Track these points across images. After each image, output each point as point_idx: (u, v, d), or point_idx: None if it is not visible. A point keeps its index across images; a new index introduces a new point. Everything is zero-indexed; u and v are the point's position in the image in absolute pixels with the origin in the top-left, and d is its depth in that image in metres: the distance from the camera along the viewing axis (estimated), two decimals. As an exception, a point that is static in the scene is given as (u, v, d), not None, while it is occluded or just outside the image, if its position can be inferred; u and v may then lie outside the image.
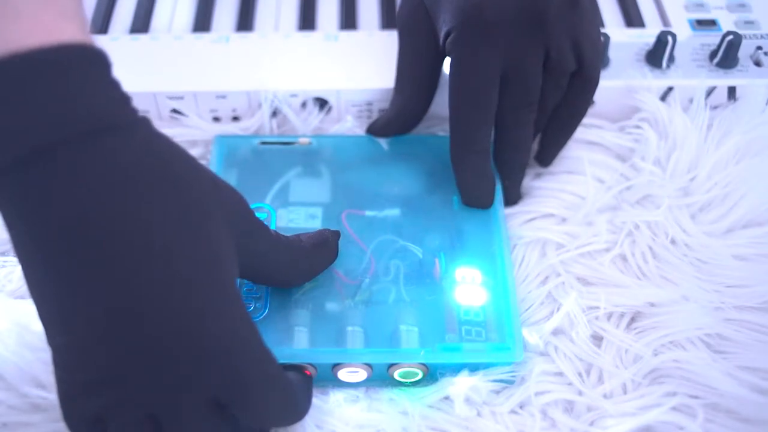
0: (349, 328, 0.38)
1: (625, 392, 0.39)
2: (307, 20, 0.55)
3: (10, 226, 0.28)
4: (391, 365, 0.38)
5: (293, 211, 0.43)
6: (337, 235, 0.41)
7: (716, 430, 0.37)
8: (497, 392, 0.38)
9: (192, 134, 0.49)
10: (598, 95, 0.50)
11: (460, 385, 0.37)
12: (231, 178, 0.45)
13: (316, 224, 0.43)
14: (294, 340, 0.38)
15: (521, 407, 0.38)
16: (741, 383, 0.38)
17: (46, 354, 0.38)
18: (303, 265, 0.39)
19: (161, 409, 0.29)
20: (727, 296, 0.42)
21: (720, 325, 0.40)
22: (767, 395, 0.37)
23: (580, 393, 0.38)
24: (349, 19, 0.55)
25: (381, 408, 0.38)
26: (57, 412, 0.37)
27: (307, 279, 0.40)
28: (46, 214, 0.27)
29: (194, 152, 0.45)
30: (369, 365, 0.38)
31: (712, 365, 0.39)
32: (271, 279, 0.38)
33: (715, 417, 0.37)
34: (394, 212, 0.43)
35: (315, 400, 0.38)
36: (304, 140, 0.47)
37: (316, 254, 0.39)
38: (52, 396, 0.37)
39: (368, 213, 0.43)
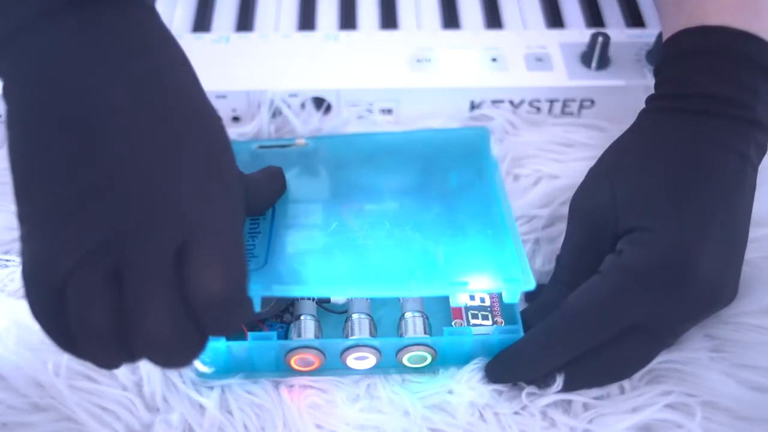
0: (355, 316, 0.39)
1: (623, 392, 0.39)
2: (306, 20, 0.55)
3: (7, 95, 0.29)
4: (399, 350, 0.38)
5: (292, 207, 0.44)
6: (280, 169, 0.43)
7: (714, 428, 0.37)
8: (500, 392, 0.38)
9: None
10: (599, 95, 0.50)
11: (463, 394, 0.38)
12: None
13: (315, 219, 0.43)
14: (303, 332, 0.38)
15: (522, 408, 0.38)
16: (738, 381, 0.38)
17: (46, 354, 0.38)
18: (254, 195, 0.40)
19: (128, 256, 0.27)
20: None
21: (718, 325, 0.40)
22: (765, 393, 0.38)
23: (579, 392, 0.38)
24: (348, 19, 0.55)
25: (381, 408, 0.38)
26: (57, 411, 0.38)
27: (257, 211, 0.42)
28: (39, 78, 0.28)
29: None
30: (377, 349, 0.38)
31: (709, 364, 0.39)
32: None
33: (713, 415, 0.37)
34: (392, 204, 0.43)
35: (315, 399, 0.38)
36: (300, 141, 0.47)
37: (264, 185, 0.42)
38: (51, 396, 0.38)
39: (367, 206, 0.43)
